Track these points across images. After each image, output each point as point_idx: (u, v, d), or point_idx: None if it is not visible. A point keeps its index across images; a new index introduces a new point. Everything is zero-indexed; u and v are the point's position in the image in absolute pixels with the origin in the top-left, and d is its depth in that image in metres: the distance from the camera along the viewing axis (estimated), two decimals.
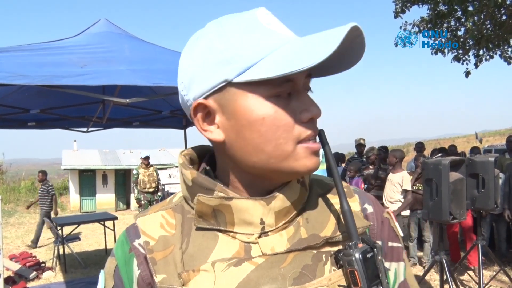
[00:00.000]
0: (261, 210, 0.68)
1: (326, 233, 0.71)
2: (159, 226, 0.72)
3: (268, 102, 0.64)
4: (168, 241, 0.70)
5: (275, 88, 0.63)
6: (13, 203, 16.50)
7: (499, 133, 37.60)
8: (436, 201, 3.76)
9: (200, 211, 0.69)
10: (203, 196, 0.68)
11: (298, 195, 0.71)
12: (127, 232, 0.76)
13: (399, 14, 8.81)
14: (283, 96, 0.65)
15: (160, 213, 0.75)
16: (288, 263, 0.67)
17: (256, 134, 0.65)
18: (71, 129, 6.99)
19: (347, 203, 0.69)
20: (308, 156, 0.67)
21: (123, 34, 4.77)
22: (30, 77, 3.09)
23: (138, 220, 0.75)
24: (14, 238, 10.83)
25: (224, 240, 0.69)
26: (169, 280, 0.67)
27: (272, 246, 0.68)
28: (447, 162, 3.75)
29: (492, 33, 8.18)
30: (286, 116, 0.64)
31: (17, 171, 27.00)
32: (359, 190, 0.83)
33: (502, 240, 6.64)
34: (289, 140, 0.65)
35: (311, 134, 0.67)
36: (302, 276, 0.67)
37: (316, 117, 0.67)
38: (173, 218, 0.73)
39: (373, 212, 0.79)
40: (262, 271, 0.66)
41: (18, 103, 5.30)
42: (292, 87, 0.65)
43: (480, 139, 15.25)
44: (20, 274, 6.80)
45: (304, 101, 0.66)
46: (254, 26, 0.66)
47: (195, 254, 0.68)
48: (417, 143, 9.09)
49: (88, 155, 19.98)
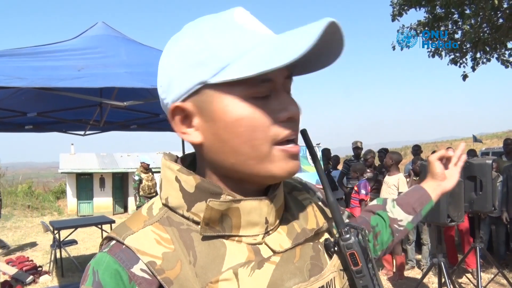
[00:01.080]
0: (266, 209, 0.69)
1: (312, 226, 0.76)
2: (156, 243, 0.65)
3: (245, 103, 0.63)
4: (172, 257, 0.64)
5: (252, 88, 0.63)
6: (10, 207, 16.42)
7: (497, 136, 37.70)
8: (434, 204, 3.76)
9: (209, 218, 0.65)
10: (214, 201, 0.65)
11: (283, 193, 0.76)
12: (116, 258, 0.64)
13: (396, 17, 8.84)
14: (261, 96, 0.64)
15: (148, 228, 0.66)
16: (298, 257, 0.70)
17: (233, 135, 0.64)
18: (68, 132, 6.96)
19: (332, 195, 0.77)
20: (285, 159, 0.66)
21: (121, 37, 4.76)
22: (27, 79, 3.08)
23: (127, 240, 0.65)
24: (11, 242, 10.77)
25: (231, 246, 0.67)
26: None
27: (279, 243, 0.69)
28: None
29: (489, 36, 8.20)
30: (263, 117, 0.63)
31: (14, 175, 26.93)
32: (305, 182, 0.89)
33: (500, 243, 6.64)
34: (265, 141, 0.64)
35: (288, 134, 0.65)
36: (314, 267, 0.71)
37: (294, 116, 0.66)
38: (165, 232, 0.66)
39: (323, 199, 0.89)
40: (282, 268, 0.67)
41: (15, 106, 5.28)
42: (271, 88, 0.65)
43: (479, 140, 15.27)
44: (16, 278, 6.76)
45: (282, 101, 0.65)
46: (230, 26, 0.65)
47: (207, 265, 0.64)
48: (413, 146, 9.08)
49: (86, 159, 19.92)
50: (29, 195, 18.54)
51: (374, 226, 1.03)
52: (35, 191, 19.96)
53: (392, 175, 6.14)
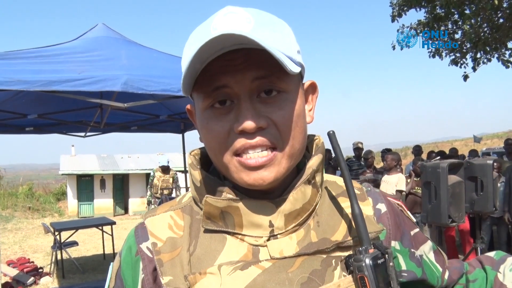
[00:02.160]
0: (270, 212, 0.67)
1: (337, 238, 0.69)
2: (167, 227, 0.71)
3: (203, 113, 0.66)
4: (175, 242, 0.69)
5: (206, 99, 0.64)
6: (11, 209, 16.43)
7: (497, 136, 37.68)
8: (435, 204, 3.76)
9: (208, 213, 0.68)
10: (211, 197, 0.67)
11: (309, 197, 0.69)
12: (135, 233, 0.74)
13: (396, 17, 8.84)
14: (217, 106, 0.64)
15: (169, 213, 0.74)
16: (296, 267, 0.66)
17: (206, 145, 0.69)
18: (69, 134, 6.97)
19: (358, 206, 0.68)
20: (243, 171, 0.64)
21: (121, 38, 4.76)
22: (28, 82, 3.09)
23: (147, 220, 0.74)
24: (11, 243, 10.77)
25: (232, 243, 0.68)
26: (175, 282, 0.66)
27: (280, 249, 0.66)
28: (445, 165, 3.75)
29: (489, 36, 8.20)
30: (217, 128, 0.64)
31: (14, 177, 26.94)
32: (371, 190, 0.80)
33: (502, 244, 6.63)
34: (224, 151, 0.64)
35: (241, 147, 0.63)
36: (310, 282, 0.65)
37: (245, 130, 0.62)
38: (181, 219, 0.73)
39: (387, 212, 0.77)
40: (269, 275, 0.64)
41: (16, 108, 5.29)
42: (230, 95, 0.63)
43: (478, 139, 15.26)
44: (17, 280, 6.76)
45: (239, 111, 0.63)
46: (201, 34, 0.64)
47: (203, 256, 0.67)
48: (414, 146, 9.10)
49: (86, 160, 19.93)
50: (30, 197, 18.54)
51: (469, 281, 0.87)
52: (36, 193, 19.98)
53: (392, 174, 6.19)
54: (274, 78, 0.63)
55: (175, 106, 6.02)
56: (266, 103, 0.64)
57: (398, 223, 0.78)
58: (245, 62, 0.62)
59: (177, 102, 5.34)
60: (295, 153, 0.67)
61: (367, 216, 0.72)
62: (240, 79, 0.62)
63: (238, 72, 0.62)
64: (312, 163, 0.71)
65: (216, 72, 0.62)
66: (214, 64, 0.61)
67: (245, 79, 0.62)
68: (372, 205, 0.76)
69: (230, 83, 0.62)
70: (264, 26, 0.63)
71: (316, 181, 0.71)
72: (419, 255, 0.80)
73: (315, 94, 0.75)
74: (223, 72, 0.62)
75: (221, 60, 0.61)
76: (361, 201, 0.74)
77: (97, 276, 7.05)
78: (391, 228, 0.76)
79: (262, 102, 0.64)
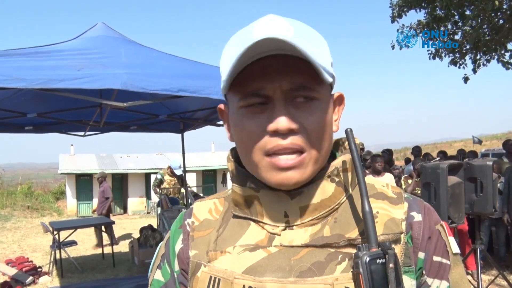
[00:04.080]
0: (284, 204, 0.72)
1: (351, 235, 0.70)
2: (207, 211, 0.83)
3: (238, 113, 0.70)
4: (210, 224, 0.80)
5: (244, 100, 0.68)
6: (10, 208, 16.41)
7: (496, 137, 37.73)
8: (435, 205, 3.76)
9: (235, 200, 0.77)
10: (237, 186, 0.77)
11: (330, 195, 0.72)
12: (185, 212, 0.87)
13: (395, 18, 8.84)
14: (255, 106, 0.68)
15: (214, 200, 0.85)
16: (300, 256, 0.70)
17: (236, 141, 0.74)
18: (68, 133, 6.96)
19: (369, 204, 0.67)
20: (272, 171, 0.68)
21: (120, 38, 4.76)
22: (27, 80, 3.08)
23: (195, 204, 0.87)
24: (10, 242, 10.77)
25: (253, 229, 0.75)
26: (199, 256, 0.77)
27: (291, 239, 0.71)
28: (445, 166, 3.75)
29: (489, 37, 8.20)
30: (250, 127, 0.68)
31: (13, 176, 26.91)
32: (414, 198, 0.77)
33: (501, 244, 6.64)
34: (256, 150, 0.68)
35: (273, 147, 0.67)
36: (309, 271, 0.68)
37: (279, 130, 0.65)
38: (222, 206, 0.83)
39: (421, 222, 0.74)
40: (273, 259, 0.70)
41: (14, 107, 5.28)
42: (265, 99, 0.67)
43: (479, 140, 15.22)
44: (16, 279, 6.75)
45: (273, 113, 0.66)
46: (242, 39, 0.67)
47: (227, 238, 0.76)
48: (414, 147, 9.07)
49: (85, 160, 19.94)
50: (29, 196, 18.52)
51: None
52: (35, 192, 19.96)
53: (383, 176, 6.28)
54: (308, 85, 0.67)
55: (174, 105, 6.01)
56: (299, 109, 0.67)
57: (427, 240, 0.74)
58: (283, 68, 0.65)
59: (176, 102, 5.33)
60: (320, 158, 0.70)
61: (393, 218, 0.72)
62: (277, 84, 0.66)
63: (276, 77, 0.66)
64: (337, 162, 0.74)
65: (255, 75, 0.66)
66: (253, 67, 0.65)
67: (281, 85, 0.66)
68: (405, 210, 0.74)
69: (267, 87, 0.66)
70: (303, 35, 0.67)
71: (341, 179, 0.73)
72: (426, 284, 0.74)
73: (342, 106, 0.80)
74: (261, 75, 0.66)
75: (260, 63, 0.65)
76: (394, 204, 0.74)
77: (96, 276, 7.04)
78: (421, 239, 0.73)
79: (295, 107, 0.67)
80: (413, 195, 0.81)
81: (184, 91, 3.47)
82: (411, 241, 0.72)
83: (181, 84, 3.47)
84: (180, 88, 3.45)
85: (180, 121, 6.73)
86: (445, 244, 0.76)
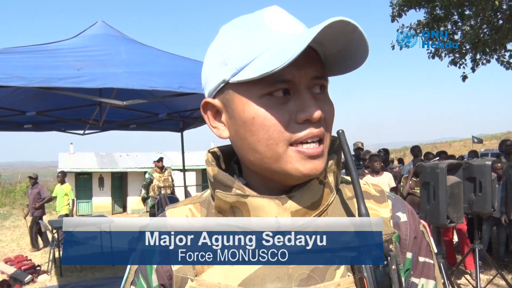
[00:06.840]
0: (275, 209, 0.68)
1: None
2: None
3: (259, 102, 0.65)
4: None
5: (267, 87, 0.64)
6: (9, 206, 16.41)
7: (496, 137, 37.74)
8: (434, 205, 3.76)
9: (219, 207, 0.71)
10: (221, 192, 0.70)
11: (319, 197, 0.70)
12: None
13: (395, 18, 8.84)
14: (277, 95, 0.65)
15: (188, 206, 0.78)
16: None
17: (249, 133, 0.66)
18: (68, 131, 6.95)
19: (365, 207, 0.67)
20: (300, 160, 0.65)
21: (120, 36, 4.75)
22: (26, 79, 3.07)
23: (168, 211, 0.79)
24: (9, 241, 10.76)
25: None
26: (184, 269, 0.70)
27: None
28: (444, 165, 3.75)
29: (489, 37, 8.20)
30: (277, 116, 0.64)
31: (13, 174, 26.88)
32: (395, 197, 0.79)
33: (501, 244, 6.64)
34: (280, 141, 0.64)
35: (304, 136, 0.65)
36: (310, 278, 0.66)
37: (312, 119, 0.64)
38: (199, 212, 0.77)
39: (407, 222, 0.75)
40: (270, 269, 0.66)
41: (14, 105, 5.27)
42: (290, 87, 0.65)
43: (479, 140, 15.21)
44: (15, 278, 6.75)
45: (302, 101, 0.65)
46: (256, 26, 0.66)
47: None
48: (413, 147, 8.98)
49: (85, 158, 19.91)
50: None
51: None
52: None
53: (381, 175, 6.29)
54: (324, 75, 0.69)
55: (174, 104, 6.00)
56: (317, 99, 0.67)
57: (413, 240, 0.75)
58: (307, 58, 0.65)
59: (176, 100, 5.33)
60: (327, 149, 0.70)
61: (382, 218, 0.71)
62: (303, 74, 0.65)
63: (302, 68, 0.64)
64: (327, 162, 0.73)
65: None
66: None
67: (306, 74, 0.65)
68: (390, 208, 0.75)
69: (294, 77, 0.64)
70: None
71: (328, 181, 0.71)
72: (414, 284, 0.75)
73: None
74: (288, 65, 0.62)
75: None
76: (379, 203, 0.75)
77: (95, 274, 7.04)
78: (408, 239, 0.74)
79: (314, 97, 0.67)
80: (394, 193, 0.82)
81: (184, 88, 3.46)
82: (398, 241, 0.73)
83: (181, 82, 3.47)
84: (180, 85, 3.44)
85: (180, 120, 6.73)
86: (428, 244, 0.78)
